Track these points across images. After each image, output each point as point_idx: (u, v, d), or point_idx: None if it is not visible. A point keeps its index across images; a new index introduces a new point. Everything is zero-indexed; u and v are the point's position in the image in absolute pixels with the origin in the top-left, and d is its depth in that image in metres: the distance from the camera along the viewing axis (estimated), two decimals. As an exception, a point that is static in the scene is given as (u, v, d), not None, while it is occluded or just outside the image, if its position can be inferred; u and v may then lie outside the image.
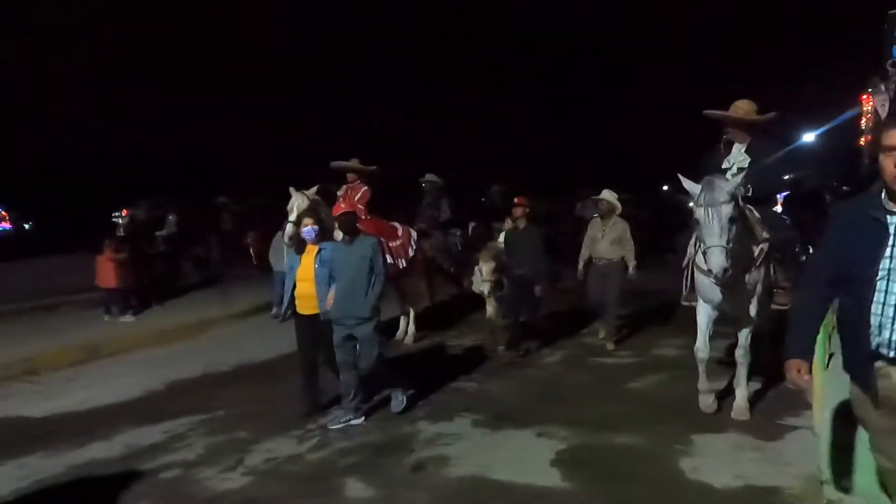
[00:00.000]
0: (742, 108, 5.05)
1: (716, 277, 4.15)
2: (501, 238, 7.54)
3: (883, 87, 4.35)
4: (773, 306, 4.88)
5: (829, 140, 21.36)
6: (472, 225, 11.24)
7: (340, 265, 5.05)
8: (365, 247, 5.09)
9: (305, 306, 5.21)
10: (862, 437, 3.22)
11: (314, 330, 5.17)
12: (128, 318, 9.08)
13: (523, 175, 20.81)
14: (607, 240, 7.16)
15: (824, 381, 4.09)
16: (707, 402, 4.89)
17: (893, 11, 3.19)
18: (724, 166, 5.03)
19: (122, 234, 12.21)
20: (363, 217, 7.07)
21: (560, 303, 8.72)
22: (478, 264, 7.04)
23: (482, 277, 6.80)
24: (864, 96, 4.89)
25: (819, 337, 4.35)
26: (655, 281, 7.63)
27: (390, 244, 7.43)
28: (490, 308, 7.10)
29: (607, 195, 7.38)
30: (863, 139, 7.62)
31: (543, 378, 6.24)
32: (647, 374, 6.11)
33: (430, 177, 10.08)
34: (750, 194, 4.81)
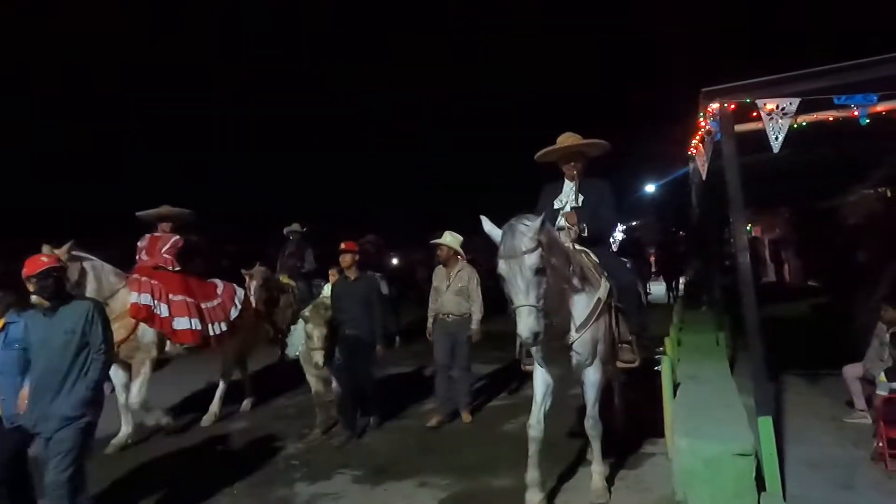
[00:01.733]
0: (566, 140, 4.68)
1: (526, 343, 3.52)
2: (327, 290, 6.44)
3: (703, 149, 4.98)
4: (619, 364, 4.37)
5: (666, 192, 24.16)
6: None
7: (38, 344, 3.68)
8: (74, 316, 3.68)
9: None
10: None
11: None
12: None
13: (395, 223, 20.90)
14: (451, 291, 6.17)
15: (674, 410, 4.54)
16: (534, 500, 3.92)
17: (705, 89, 3.73)
18: (556, 206, 4.61)
19: None
20: (170, 268, 6.39)
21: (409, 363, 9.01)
22: (296, 325, 6.13)
23: (312, 344, 5.53)
24: (692, 150, 5.68)
25: (665, 370, 4.87)
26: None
27: (203, 305, 6.50)
28: (313, 380, 6.01)
29: (448, 238, 6.29)
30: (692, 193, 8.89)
31: (418, 427, 6.16)
32: (521, 415, 6.31)
33: (294, 226, 9.84)
34: (585, 234, 4.37)
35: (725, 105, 3.99)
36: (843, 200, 10.04)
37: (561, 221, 4.50)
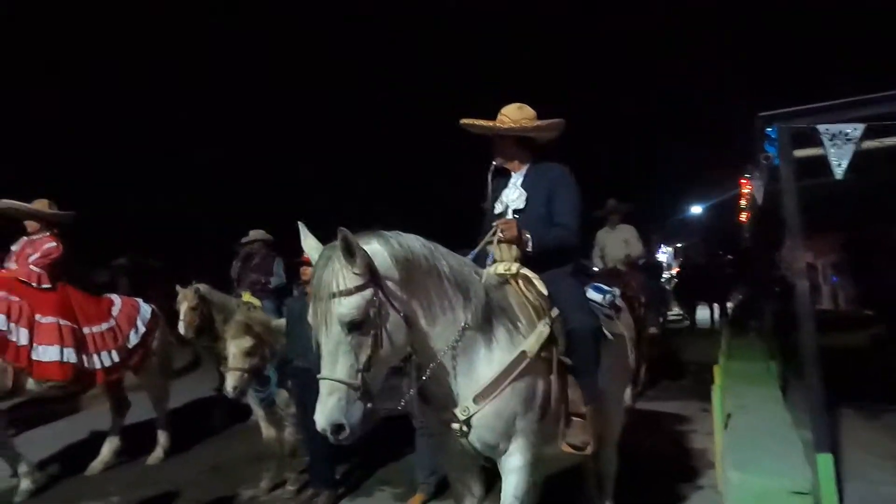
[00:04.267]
0: (510, 115, 3.21)
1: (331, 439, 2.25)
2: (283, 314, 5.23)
3: (758, 175, 4.86)
4: (566, 449, 2.81)
5: (714, 214, 23.64)
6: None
7: None
8: None
9: None
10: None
11: None
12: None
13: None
14: None
15: (725, 441, 4.40)
16: None
17: (762, 114, 3.63)
18: (496, 210, 3.29)
19: None
20: (34, 285, 5.13)
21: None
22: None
23: (228, 363, 4.44)
24: (743, 181, 5.63)
25: (716, 399, 4.73)
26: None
27: (87, 330, 5.23)
28: (264, 425, 4.92)
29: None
30: (743, 216, 8.68)
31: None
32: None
33: (256, 233, 7.92)
34: (529, 250, 3.00)
35: (784, 130, 3.90)
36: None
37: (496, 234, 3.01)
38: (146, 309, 5.99)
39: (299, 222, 2.50)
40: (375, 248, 2.37)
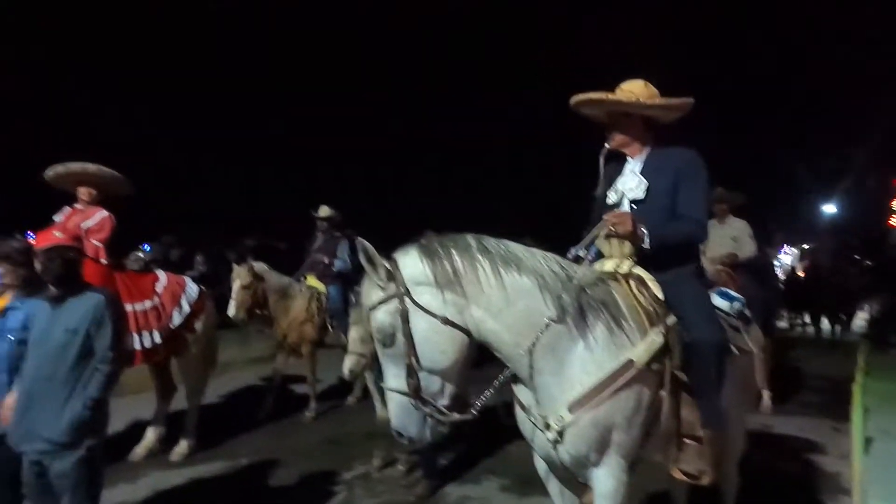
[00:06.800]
0: (636, 91, 2.84)
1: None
2: None
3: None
4: (678, 476, 2.58)
5: (852, 214, 21.43)
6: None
7: (34, 341, 3.03)
8: (80, 311, 3.02)
9: None
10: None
11: None
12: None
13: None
14: None
15: (865, 467, 4.03)
16: None
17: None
18: (610, 199, 2.93)
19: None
20: (98, 260, 4.79)
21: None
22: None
23: (349, 348, 4.54)
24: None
25: (856, 421, 4.34)
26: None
27: (132, 307, 4.83)
28: (379, 405, 5.03)
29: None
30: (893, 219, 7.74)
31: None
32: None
33: (324, 210, 7.33)
34: (646, 246, 2.65)
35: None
36: None
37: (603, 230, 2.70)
38: (193, 288, 5.50)
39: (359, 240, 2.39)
40: (410, 256, 2.34)
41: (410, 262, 2.32)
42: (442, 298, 2.28)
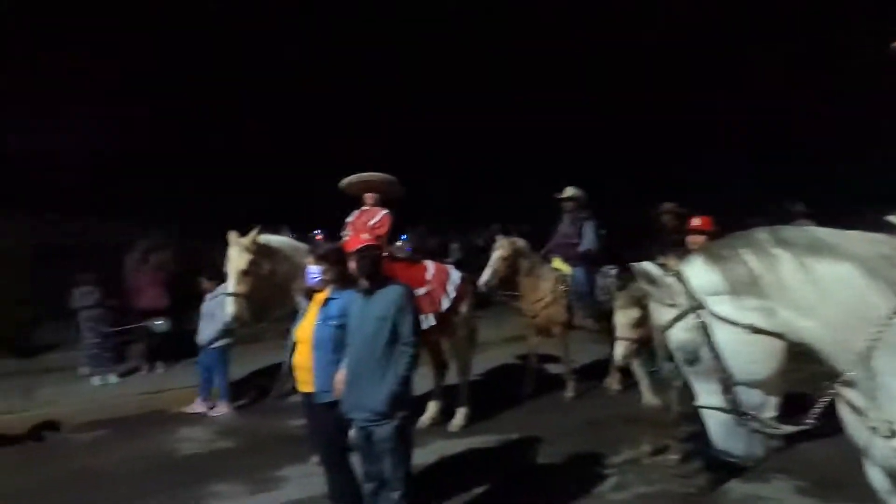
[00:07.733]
0: None
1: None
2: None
3: None
4: None
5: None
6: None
7: (353, 327, 3.61)
8: (386, 302, 3.53)
9: (310, 381, 3.90)
10: None
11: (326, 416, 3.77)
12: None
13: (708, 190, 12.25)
14: None
15: None
16: None
17: None
18: None
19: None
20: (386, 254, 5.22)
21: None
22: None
23: (617, 334, 4.66)
24: None
25: None
26: None
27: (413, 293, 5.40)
28: (647, 392, 5.22)
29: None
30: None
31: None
32: None
33: (570, 191, 7.25)
34: None
35: None
36: None
37: None
38: (456, 275, 6.06)
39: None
40: (696, 266, 2.19)
41: (698, 272, 2.17)
42: (742, 305, 2.09)
